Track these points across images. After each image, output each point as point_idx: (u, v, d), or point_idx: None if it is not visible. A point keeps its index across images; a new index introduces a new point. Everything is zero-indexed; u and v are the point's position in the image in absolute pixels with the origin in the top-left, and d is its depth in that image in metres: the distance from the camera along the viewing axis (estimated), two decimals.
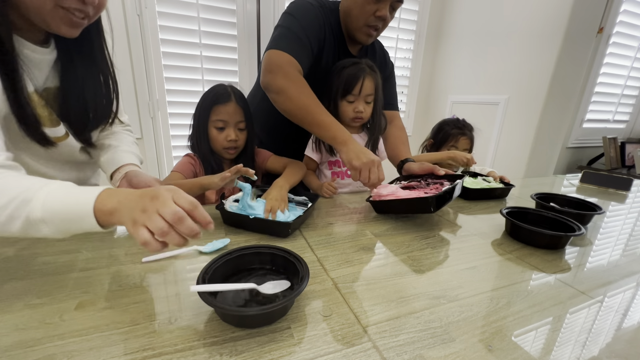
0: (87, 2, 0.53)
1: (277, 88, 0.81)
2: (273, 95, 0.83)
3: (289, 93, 0.80)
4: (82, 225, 0.41)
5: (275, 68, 0.81)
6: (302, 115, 0.81)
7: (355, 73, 0.91)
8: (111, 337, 0.35)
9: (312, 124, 0.81)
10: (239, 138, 0.88)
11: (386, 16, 0.88)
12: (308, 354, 0.34)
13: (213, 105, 0.85)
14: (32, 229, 0.41)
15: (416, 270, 0.53)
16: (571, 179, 1.40)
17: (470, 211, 0.86)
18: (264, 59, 0.84)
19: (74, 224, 0.41)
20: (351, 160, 0.76)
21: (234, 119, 0.86)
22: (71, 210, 0.41)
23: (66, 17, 0.53)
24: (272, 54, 0.82)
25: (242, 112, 0.88)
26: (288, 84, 0.80)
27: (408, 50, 2.31)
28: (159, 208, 0.37)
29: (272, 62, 0.82)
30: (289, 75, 0.81)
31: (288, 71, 0.81)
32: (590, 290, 0.50)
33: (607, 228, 0.80)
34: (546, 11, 1.66)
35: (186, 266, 0.50)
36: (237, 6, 1.71)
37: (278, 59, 0.82)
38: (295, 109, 0.81)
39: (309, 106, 0.80)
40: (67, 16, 0.53)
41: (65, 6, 0.52)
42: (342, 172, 1.02)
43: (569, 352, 0.37)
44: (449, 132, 1.27)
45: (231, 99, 0.86)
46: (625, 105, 2.50)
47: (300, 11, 0.88)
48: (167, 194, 0.39)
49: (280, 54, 0.82)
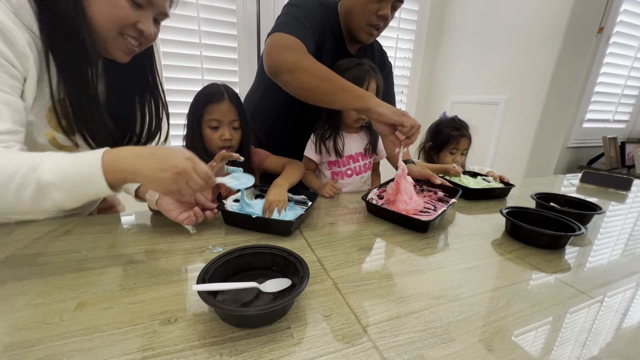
0: (145, 36, 0.60)
1: (289, 66, 0.76)
2: (286, 75, 0.77)
3: (303, 66, 0.75)
4: (92, 185, 0.44)
5: (282, 48, 0.77)
6: (323, 85, 0.75)
7: (361, 75, 0.90)
8: (111, 337, 0.35)
9: (335, 90, 0.75)
10: (234, 137, 0.88)
11: (388, 15, 0.88)
12: (308, 354, 0.34)
13: (206, 105, 0.85)
14: (43, 196, 0.42)
15: (416, 270, 0.53)
16: (571, 179, 1.40)
17: (470, 211, 0.86)
18: (268, 42, 0.80)
19: (84, 187, 0.44)
20: (394, 112, 0.73)
21: (228, 117, 0.86)
22: (80, 170, 0.43)
23: (124, 45, 0.60)
24: (277, 36, 0.79)
25: (235, 111, 0.88)
26: (299, 58, 0.76)
27: (408, 50, 2.31)
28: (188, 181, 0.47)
29: (279, 43, 0.78)
30: (298, 52, 0.77)
31: (296, 49, 0.77)
32: (590, 290, 0.50)
33: (607, 228, 0.80)
34: (546, 11, 1.66)
35: (186, 266, 0.50)
36: (237, 6, 1.71)
37: (284, 39, 0.78)
38: (314, 80, 0.75)
39: (328, 73, 0.76)
40: (125, 44, 0.59)
41: (125, 35, 0.58)
42: (341, 172, 1.02)
43: (569, 352, 0.37)
44: (449, 134, 1.26)
45: (224, 97, 0.86)
46: (625, 105, 2.50)
47: (303, 3, 0.88)
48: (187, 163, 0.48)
49: (286, 36, 0.79)
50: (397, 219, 0.72)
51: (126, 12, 0.55)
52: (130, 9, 0.56)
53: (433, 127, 1.34)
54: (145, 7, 0.58)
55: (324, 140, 0.98)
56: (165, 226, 0.64)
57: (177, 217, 0.61)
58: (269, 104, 1.04)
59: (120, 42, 0.59)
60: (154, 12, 0.60)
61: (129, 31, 0.58)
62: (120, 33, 0.58)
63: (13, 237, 0.57)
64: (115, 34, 0.57)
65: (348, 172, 1.03)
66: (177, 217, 0.61)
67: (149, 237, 0.59)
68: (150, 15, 0.59)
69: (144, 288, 0.44)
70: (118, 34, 0.57)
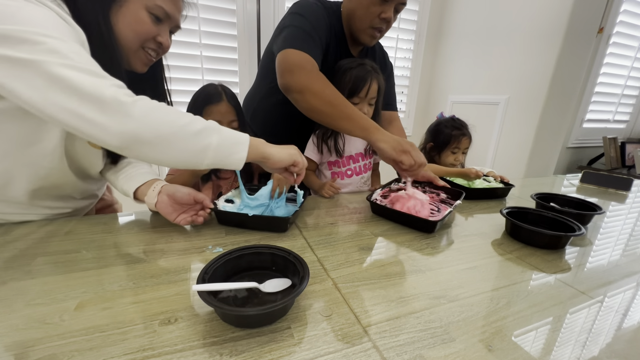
0: (163, 47, 0.64)
1: (300, 87, 0.79)
2: (295, 95, 0.81)
3: (313, 89, 0.78)
4: (239, 150, 0.54)
5: (294, 67, 0.79)
6: (329, 110, 0.78)
7: (363, 75, 0.90)
8: (111, 337, 0.35)
9: (340, 117, 0.78)
10: None
11: (390, 18, 0.88)
12: (308, 354, 0.34)
13: (205, 106, 0.86)
14: (206, 135, 0.51)
15: (416, 270, 0.53)
16: (571, 179, 1.40)
17: (470, 211, 0.86)
18: (279, 60, 0.82)
19: (232, 149, 0.53)
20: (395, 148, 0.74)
21: (227, 118, 0.86)
22: (235, 135, 0.55)
23: (145, 57, 0.63)
24: (288, 54, 0.81)
25: (234, 111, 0.88)
26: (310, 80, 0.78)
27: (408, 50, 2.31)
28: None
29: (290, 61, 0.80)
30: (309, 73, 0.79)
31: (308, 69, 0.79)
32: (590, 290, 0.50)
33: (607, 228, 0.80)
34: (546, 11, 1.66)
35: (186, 266, 0.50)
36: (237, 6, 1.71)
37: (295, 57, 0.80)
38: (321, 105, 0.78)
39: (336, 99, 0.78)
40: (145, 56, 0.63)
41: (146, 47, 0.61)
42: (342, 172, 1.02)
43: (569, 352, 0.37)
44: (450, 134, 1.26)
45: (222, 98, 0.86)
46: (625, 105, 2.50)
47: (308, 10, 0.88)
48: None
49: (297, 53, 0.80)
50: (404, 219, 0.71)
51: (149, 27, 0.59)
52: (152, 24, 0.59)
53: (433, 128, 1.34)
54: (164, 21, 0.61)
55: (325, 140, 0.98)
56: (165, 226, 0.64)
57: (176, 219, 0.62)
58: (270, 104, 1.04)
59: (141, 54, 0.62)
60: (171, 25, 0.64)
61: (149, 44, 0.61)
62: (141, 46, 0.61)
63: (13, 237, 0.57)
64: (137, 47, 0.60)
65: (348, 172, 1.03)
66: (175, 219, 0.62)
67: (149, 237, 0.59)
68: (167, 29, 0.63)
69: (144, 288, 0.44)
70: (140, 47, 0.61)
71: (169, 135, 0.48)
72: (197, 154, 0.50)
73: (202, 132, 0.50)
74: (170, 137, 0.48)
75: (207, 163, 0.52)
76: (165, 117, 0.49)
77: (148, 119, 0.47)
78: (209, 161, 0.51)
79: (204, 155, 0.51)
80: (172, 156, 0.50)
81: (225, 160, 0.53)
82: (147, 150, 0.48)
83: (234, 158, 0.53)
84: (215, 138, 0.51)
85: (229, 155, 0.53)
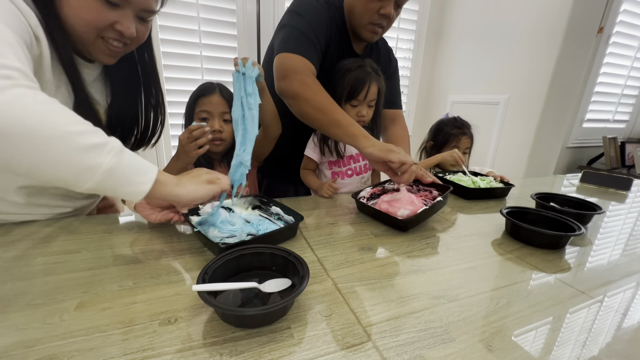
0: (125, 36, 0.57)
1: (293, 93, 0.81)
2: (289, 100, 0.83)
3: (304, 96, 0.80)
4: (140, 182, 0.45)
5: (289, 73, 0.81)
6: (319, 116, 0.80)
7: (363, 78, 0.90)
8: (111, 337, 0.35)
9: (329, 124, 0.80)
10: (224, 129, 0.87)
11: (390, 14, 0.87)
12: (308, 354, 0.34)
13: (197, 99, 0.86)
14: (99, 153, 0.41)
15: (416, 270, 0.53)
16: (571, 179, 1.40)
17: (470, 211, 0.86)
18: (276, 64, 0.84)
19: (132, 177, 0.45)
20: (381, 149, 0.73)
21: (218, 109, 0.86)
22: (138, 162, 0.46)
23: (106, 47, 0.57)
24: (284, 58, 0.83)
25: (226, 104, 0.87)
26: (303, 87, 0.80)
27: (408, 50, 2.31)
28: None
29: (285, 67, 0.82)
30: (303, 79, 0.81)
31: (302, 73, 0.81)
32: (590, 290, 0.50)
33: (607, 228, 0.80)
34: (546, 11, 1.66)
35: (186, 266, 0.50)
36: (237, 6, 1.71)
37: (290, 63, 0.82)
38: (311, 111, 0.81)
39: (325, 107, 0.80)
40: (107, 46, 0.57)
41: (105, 37, 0.56)
42: (342, 172, 1.02)
43: (569, 352, 0.37)
44: (450, 132, 1.26)
45: (215, 91, 0.86)
46: (625, 105, 2.50)
47: (306, 9, 0.88)
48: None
49: (292, 57, 0.82)
50: (380, 217, 0.72)
51: (99, 14, 0.52)
52: (104, 10, 0.52)
53: (434, 127, 1.35)
54: (123, 6, 0.54)
55: (325, 140, 0.98)
56: (164, 226, 0.64)
57: (156, 219, 0.61)
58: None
59: (101, 45, 0.56)
60: (135, 10, 0.56)
61: (108, 33, 0.55)
62: (99, 36, 0.55)
63: (13, 237, 0.57)
64: (94, 37, 0.55)
65: (348, 172, 1.03)
66: (156, 219, 0.61)
67: (149, 237, 0.59)
68: (129, 14, 0.56)
69: (144, 288, 0.44)
70: (98, 37, 0.55)
71: (47, 138, 0.37)
72: (79, 172, 0.40)
73: (96, 148, 0.40)
74: (48, 140, 0.38)
75: (87, 187, 0.41)
76: (51, 116, 0.39)
77: (21, 108, 0.37)
78: (91, 185, 0.41)
79: (88, 177, 0.40)
80: (41, 166, 0.39)
81: (117, 189, 0.43)
82: (8, 147, 0.37)
83: (129, 190, 0.44)
84: (110, 160, 0.41)
85: (124, 184, 0.43)
